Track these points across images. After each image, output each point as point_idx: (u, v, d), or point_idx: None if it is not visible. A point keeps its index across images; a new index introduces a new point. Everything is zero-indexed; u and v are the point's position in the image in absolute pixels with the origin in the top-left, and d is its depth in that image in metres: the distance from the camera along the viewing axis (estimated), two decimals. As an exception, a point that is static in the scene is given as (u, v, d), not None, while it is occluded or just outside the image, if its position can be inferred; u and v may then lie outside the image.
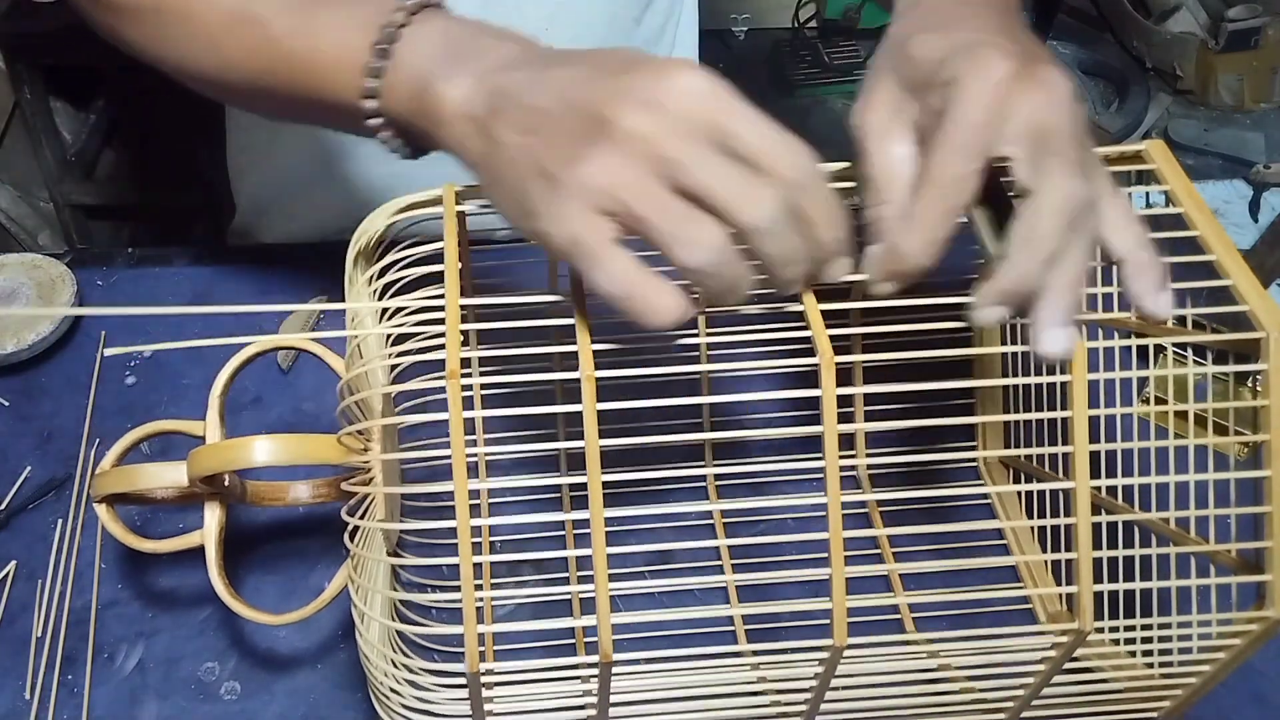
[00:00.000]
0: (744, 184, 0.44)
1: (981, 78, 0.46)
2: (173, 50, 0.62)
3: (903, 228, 0.47)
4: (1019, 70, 0.46)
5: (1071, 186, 0.45)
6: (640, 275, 0.44)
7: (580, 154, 0.44)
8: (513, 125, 0.47)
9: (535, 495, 0.73)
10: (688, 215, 0.44)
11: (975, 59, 0.46)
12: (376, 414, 0.55)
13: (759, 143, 0.44)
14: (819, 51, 2.23)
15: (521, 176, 0.46)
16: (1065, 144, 0.46)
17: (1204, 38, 2.23)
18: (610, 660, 0.47)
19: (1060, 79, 0.47)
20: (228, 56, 0.59)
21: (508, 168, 0.47)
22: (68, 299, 0.81)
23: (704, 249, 0.44)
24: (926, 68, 0.48)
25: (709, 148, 0.44)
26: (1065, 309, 0.45)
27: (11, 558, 0.71)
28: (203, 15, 0.59)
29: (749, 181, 0.44)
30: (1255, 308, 0.50)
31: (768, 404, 0.49)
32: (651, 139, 0.44)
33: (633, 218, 0.44)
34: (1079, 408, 0.47)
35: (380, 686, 0.52)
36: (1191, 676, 0.53)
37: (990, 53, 0.46)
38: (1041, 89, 0.46)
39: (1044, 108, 0.46)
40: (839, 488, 0.46)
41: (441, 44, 0.51)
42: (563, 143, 0.45)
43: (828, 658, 0.48)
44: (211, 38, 0.59)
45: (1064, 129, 0.46)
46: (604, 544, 0.46)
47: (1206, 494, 0.53)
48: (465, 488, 0.46)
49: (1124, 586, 0.51)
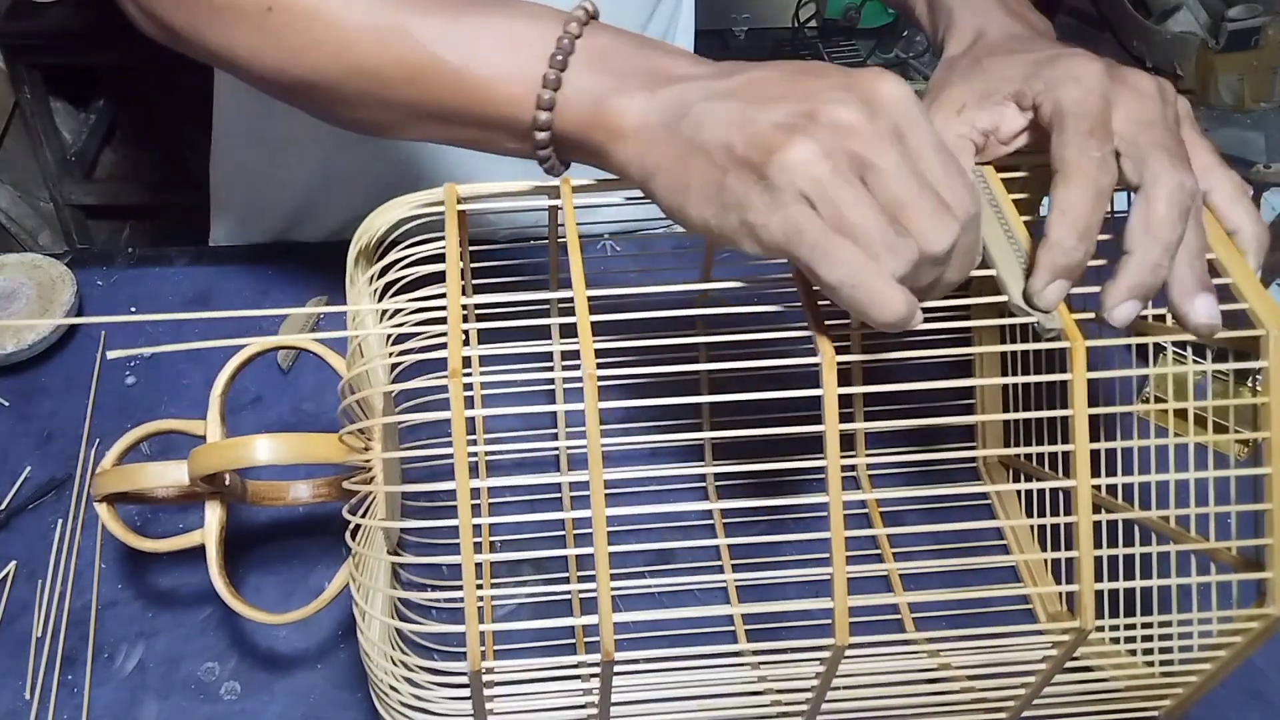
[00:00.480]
0: (936, 213, 0.44)
1: (1078, 80, 0.50)
2: (278, 54, 0.56)
3: (1059, 223, 0.48)
4: (1106, 71, 0.50)
5: (1179, 177, 0.48)
6: (871, 265, 0.43)
7: (787, 140, 0.43)
8: (705, 124, 0.46)
9: (536, 495, 0.73)
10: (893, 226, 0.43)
11: (1065, 66, 0.51)
12: (377, 413, 0.55)
13: (942, 173, 0.44)
14: (819, 51, 2.23)
15: (721, 172, 0.45)
16: (1163, 137, 0.49)
17: (1204, 38, 2.23)
18: (612, 659, 0.47)
19: (1143, 78, 0.51)
20: (354, 62, 0.55)
21: (702, 167, 0.46)
22: (68, 299, 0.81)
23: (904, 262, 0.43)
24: (1014, 81, 0.52)
25: (908, 160, 0.44)
26: (1197, 277, 0.48)
27: (11, 558, 0.71)
28: (331, 16, 0.54)
29: (940, 211, 0.44)
30: (1255, 306, 0.50)
31: (768, 403, 0.48)
32: (858, 134, 0.43)
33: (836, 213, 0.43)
34: (1079, 406, 0.47)
35: (381, 685, 0.52)
36: (1192, 675, 0.53)
37: (1075, 60, 0.51)
38: (1129, 89, 0.50)
39: (1136, 106, 0.50)
40: (840, 487, 0.46)
41: (612, 58, 0.51)
42: (765, 131, 0.44)
43: (829, 657, 0.48)
44: (341, 40, 0.55)
45: (1159, 123, 0.50)
46: (606, 543, 0.46)
47: (1207, 492, 0.53)
48: (467, 486, 0.46)
49: (1124, 585, 0.51)
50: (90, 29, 1.66)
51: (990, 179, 0.54)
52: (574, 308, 0.48)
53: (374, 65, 0.54)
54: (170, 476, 0.57)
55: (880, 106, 0.44)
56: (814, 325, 0.47)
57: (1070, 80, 0.50)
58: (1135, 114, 0.49)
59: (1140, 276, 0.48)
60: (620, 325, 0.49)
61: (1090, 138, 0.48)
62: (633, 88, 0.49)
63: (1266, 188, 0.96)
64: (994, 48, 0.56)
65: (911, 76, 2.15)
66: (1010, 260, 0.50)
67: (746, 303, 0.53)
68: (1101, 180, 0.48)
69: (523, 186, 0.54)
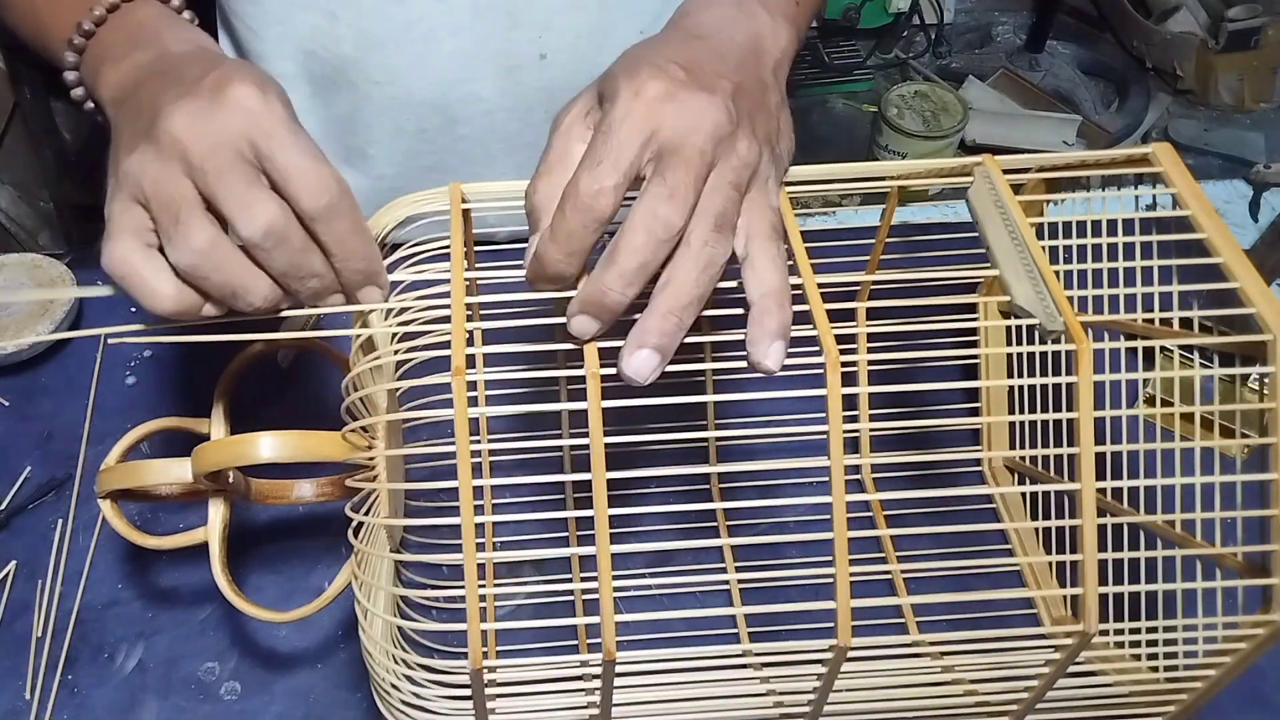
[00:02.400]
0: (241, 199, 0.47)
1: (629, 96, 0.47)
2: None
3: (547, 237, 0.47)
4: (668, 92, 0.47)
5: (659, 210, 0.46)
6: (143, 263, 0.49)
7: (133, 148, 0.49)
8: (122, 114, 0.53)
9: (539, 494, 0.73)
10: (182, 218, 0.47)
11: (632, 77, 0.48)
12: (381, 410, 0.55)
13: (286, 165, 0.48)
14: (819, 51, 2.23)
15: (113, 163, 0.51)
16: (678, 170, 0.46)
17: (1204, 38, 2.23)
18: (614, 659, 0.46)
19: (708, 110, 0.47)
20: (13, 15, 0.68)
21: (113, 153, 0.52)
22: (68, 299, 0.81)
23: (188, 250, 0.47)
24: (607, 79, 0.49)
25: (232, 160, 0.48)
26: (652, 332, 0.46)
27: (11, 558, 0.71)
28: None
29: (247, 198, 0.47)
30: (1262, 310, 0.50)
31: (772, 404, 0.48)
32: (181, 143, 0.48)
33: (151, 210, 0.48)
34: (1085, 410, 0.47)
35: (383, 683, 0.52)
36: (1197, 681, 0.53)
37: (647, 72, 0.48)
38: (682, 114, 0.47)
39: (676, 132, 0.47)
40: (844, 488, 0.46)
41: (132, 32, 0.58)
42: (130, 137, 0.50)
43: (831, 659, 0.48)
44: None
45: (684, 156, 0.46)
46: (608, 543, 0.46)
47: (1212, 497, 0.53)
48: (470, 485, 0.46)
49: (1129, 589, 0.51)
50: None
51: (997, 180, 0.54)
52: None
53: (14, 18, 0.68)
54: (174, 473, 0.57)
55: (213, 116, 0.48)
56: (819, 326, 0.47)
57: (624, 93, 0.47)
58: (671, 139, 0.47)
59: (589, 294, 0.46)
60: (624, 325, 0.49)
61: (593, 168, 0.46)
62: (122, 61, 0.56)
63: (1266, 188, 0.96)
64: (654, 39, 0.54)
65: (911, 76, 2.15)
66: (1014, 261, 0.50)
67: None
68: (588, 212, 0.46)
69: (527, 187, 0.54)
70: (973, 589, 0.53)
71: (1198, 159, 2.13)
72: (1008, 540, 0.71)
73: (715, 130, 0.47)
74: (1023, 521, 0.71)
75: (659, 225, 0.46)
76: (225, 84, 0.49)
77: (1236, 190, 0.96)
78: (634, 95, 0.47)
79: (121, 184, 0.49)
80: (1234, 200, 0.95)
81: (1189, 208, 0.53)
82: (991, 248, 0.51)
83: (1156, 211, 0.56)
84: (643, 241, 0.46)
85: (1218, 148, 2.16)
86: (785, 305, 0.47)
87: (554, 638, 0.66)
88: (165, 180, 0.48)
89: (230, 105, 0.48)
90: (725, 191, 0.47)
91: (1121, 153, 0.56)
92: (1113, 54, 2.37)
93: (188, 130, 0.48)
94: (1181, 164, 0.55)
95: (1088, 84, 2.31)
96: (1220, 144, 2.17)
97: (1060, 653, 0.50)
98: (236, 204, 0.47)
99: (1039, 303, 0.48)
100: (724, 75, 0.49)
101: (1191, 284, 0.52)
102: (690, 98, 0.47)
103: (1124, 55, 2.37)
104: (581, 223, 0.46)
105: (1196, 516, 0.53)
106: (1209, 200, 0.54)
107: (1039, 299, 0.49)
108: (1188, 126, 2.21)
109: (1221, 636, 0.52)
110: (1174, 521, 0.55)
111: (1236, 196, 0.95)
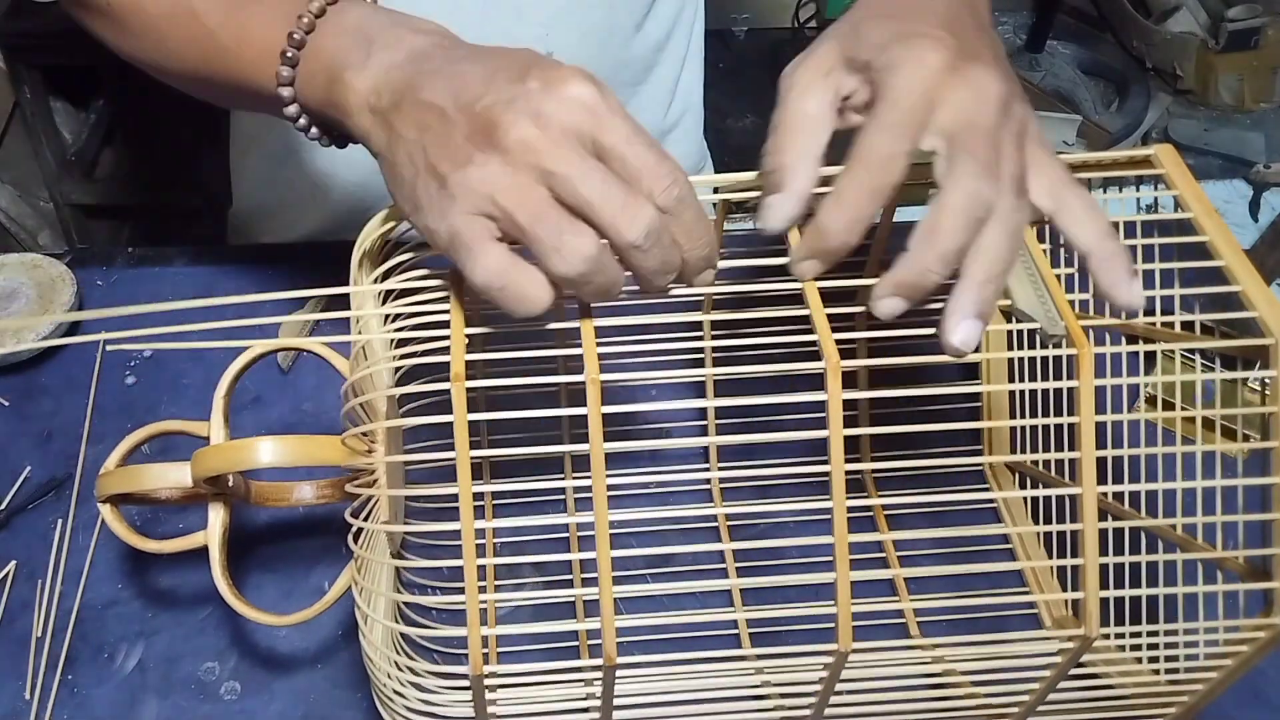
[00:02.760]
0: (622, 202, 0.45)
1: (914, 66, 0.47)
2: (126, 43, 0.64)
3: (828, 205, 0.47)
4: (950, 64, 0.47)
5: (976, 187, 0.46)
6: (514, 267, 0.46)
7: (469, 158, 0.46)
8: (411, 121, 0.48)
9: (539, 498, 0.72)
10: (564, 227, 0.45)
11: (911, 48, 0.47)
12: (381, 416, 0.55)
13: (636, 161, 0.46)
14: (820, 52, 2.22)
15: (415, 172, 0.48)
16: (980, 143, 0.46)
17: (1204, 38, 2.23)
18: (614, 663, 0.46)
19: (989, 79, 0.47)
20: (170, 49, 0.62)
21: (405, 163, 0.49)
22: (68, 299, 0.81)
23: (579, 259, 0.45)
24: (870, 49, 0.49)
25: (591, 161, 0.46)
26: (973, 302, 0.46)
27: (11, 558, 0.71)
28: (148, 9, 0.61)
29: (627, 200, 0.46)
30: (1264, 313, 0.50)
31: (773, 408, 0.48)
32: (537, 150, 0.45)
33: (513, 225, 0.46)
34: (1086, 412, 0.47)
35: (384, 689, 0.52)
36: (1198, 683, 0.53)
37: (925, 43, 0.47)
38: (967, 87, 0.47)
39: (966, 106, 0.47)
40: (844, 492, 0.46)
41: (356, 33, 0.52)
42: (454, 144, 0.47)
43: (832, 662, 0.48)
44: (156, 31, 0.61)
45: (982, 128, 0.47)
46: (608, 547, 0.46)
47: (1214, 500, 0.53)
48: (470, 490, 0.45)
49: (1130, 593, 0.51)
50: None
51: None
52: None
53: (182, 51, 0.61)
54: (173, 477, 0.57)
55: (556, 115, 0.46)
56: (819, 330, 0.47)
57: (908, 64, 0.47)
58: (962, 114, 0.47)
59: (907, 276, 0.46)
60: (625, 329, 0.49)
61: (885, 132, 0.47)
62: (365, 64, 0.51)
63: (1266, 188, 0.96)
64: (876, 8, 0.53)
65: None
66: (1016, 264, 0.50)
67: (752, 307, 0.53)
68: (879, 177, 0.46)
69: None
70: (974, 592, 0.53)
71: (1198, 159, 2.13)
72: (1009, 543, 0.71)
73: (1000, 100, 0.47)
74: (1024, 524, 0.71)
75: (977, 204, 0.46)
76: (557, 81, 0.46)
77: (1236, 190, 0.96)
78: (919, 64, 0.47)
79: (458, 197, 0.46)
80: (1234, 200, 0.95)
81: (1191, 210, 0.53)
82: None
83: (1158, 213, 0.56)
84: (963, 222, 0.46)
85: (1218, 148, 2.16)
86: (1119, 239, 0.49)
87: (555, 641, 0.66)
88: (525, 190, 0.45)
89: (571, 104, 0.46)
90: (1015, 157, 0.48)
91: (1123, 154, 0.56)
92: (1113, 54, 2.37)
93: (537, 137, 0.45)
94: (1184, 166, 0.55)
95: (1088, 84, 2.31)
96: (1220, 144, 2.17)
97: (1062, 655, 0.50)
98: (616, 209, 0.45)
99: (1040, 306, 0.48)
100: (979, 39, 0.50)
101: (1193, 287, 0.52)
102: (971, 69, 0.47)
103: (1124, 55, 2.37)
104: (872, 187, 0.46)
105: (1198, 520, 0.53)
106: (1210, 201, 0.54)
107: (1040, 302, 0.49)
108: (1188, 126, 2.21)
109: (1223, 639, 0.52)
110: (1175, 524, 0.55)
111: (1236, 196, 0.96)
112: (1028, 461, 0.70)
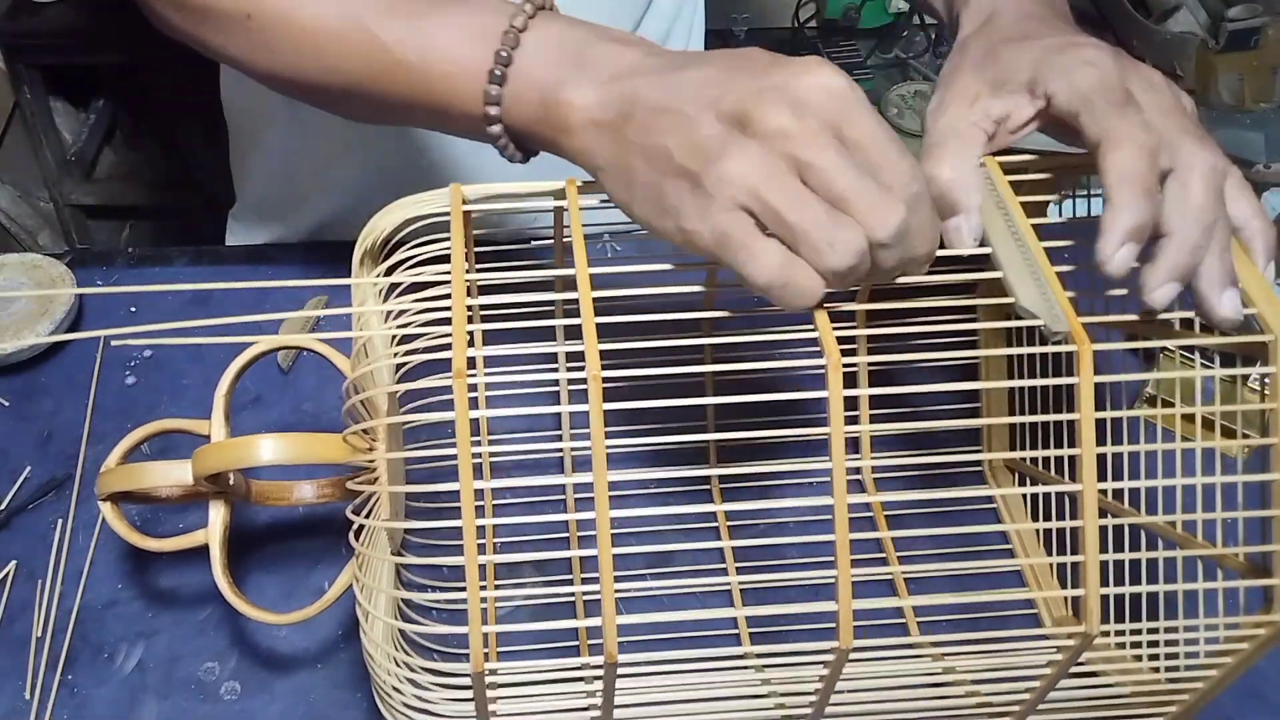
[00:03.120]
0: (877, 199, 0.45)
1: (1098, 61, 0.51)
2: (263, 56, 0.60)
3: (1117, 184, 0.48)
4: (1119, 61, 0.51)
5: (1211, 159, 0.49)
6: (791, 262, 0.45)
7: (722, 151, 0.45)
8: (647, 128, 0.47)
9: (540, 496, 0.72)
10: (834, 220, 0.44)
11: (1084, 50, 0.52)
12: (382, 413, 0.55)
13: (879, 156, 0.45)
14: (819, 51, 2.23)
15: (660, 176, 0.47)
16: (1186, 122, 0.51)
17: (1204, 38, 2.23)
18: (615, 661, 0.46)
19: (1153, 70, 0.52)
20: (329, 63, 0.58)
21: (644, 170, 0.47)
22: (68, 299, 0.81)
23: (852, 254, 0.45)
24: (1017, 68, 0.53)
25: (846, 154, 0.45)
26: (1226, 271, 0.49)
27: (11, 558, 0.71)
28: (304, 22, 0.58)
29: (882, 197, 0.45)
30: (1263, 311, 0.50)
31: (773, 405, 0.48)
32: (794, 139, 0.44)
33: (776, 219, 0.45)
34: (1086, 410, 0.47)
35: (384, 686, 0.52)
36: (1198, 681, 0.53)
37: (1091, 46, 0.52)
38: (1141, 78, 0.51)
39: (1153, 93, 0.51)
40: (845, 490, 0.46)
41: (562, 50, 0.51)
42: (701, 141, 0.45)
43: (833, 660, 0.48)
44: (311, 44, 0.58)
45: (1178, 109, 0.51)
46: (610, 545, 0.46)
47: (1213, 497, 0.53)
48: (471, 487, 0.45)
49: (1130, 590, 0.51)
50: (90, 29, 1.65)
51: (997, 181, 0.53)
52: (579, 309, 0.48)
53: (345, 66, 0.57)
54: (174, 476, 0.57)
55: (811, 104, 0.45)
56: (820, 327, 0.47)
57: (1085, 66, 0.50)
58: (1153, 101, 0.50)
59: (1180, 258, 0.48)
60: (625, 327, 0.49)
61: (1126, 106, 0.49)
62: (581, 80, 0.50)
63: (1266, 188, 0.97)
64: (1007, 31, 0.56)
65: (911, 76, 2.14)
66: (1017, 262, 0.50)
67: (752, 305, 0.53)
68: (1149, 141, 0.48)
69: (528, 188, 0.54)
70: (974, 590, 0.53)
71: (1198, 159, 2.13)
72: (1009, 541, 0.71)
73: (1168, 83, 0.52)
74: (1024, 522, 0.71)
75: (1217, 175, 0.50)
76: (810, 69, 0.46)
77: (1237, 190, 0.96)
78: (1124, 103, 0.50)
79: (715, 193, 0.45)
80: (1234, 200, 0.95)
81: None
82: (993, 248, 0.51)
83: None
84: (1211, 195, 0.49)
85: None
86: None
87: (556, 640, 0.66)
88: (785, 182, 0.44)
89: (825, 93, 0.45)
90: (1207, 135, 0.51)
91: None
92: (1112, 54, 2.37)
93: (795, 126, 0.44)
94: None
95: (1087, 84, 2.31)
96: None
97: (1062, 654, 0.50)
98: (869, 205, 0.45)
99: (1044, 304, 0.48)
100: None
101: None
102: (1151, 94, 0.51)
103: (1124, 55, 2.37)
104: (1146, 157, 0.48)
105: (1198, 517, 0.53)
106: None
107: (1044, 300, 0.49)
108: (1188, 126, 2.21)
109: (1223, 637, 0.52)
110: (1175, 522, 0.55)
111: (1237, 196, 0.95)
112: (1027, 459, 0.70)
